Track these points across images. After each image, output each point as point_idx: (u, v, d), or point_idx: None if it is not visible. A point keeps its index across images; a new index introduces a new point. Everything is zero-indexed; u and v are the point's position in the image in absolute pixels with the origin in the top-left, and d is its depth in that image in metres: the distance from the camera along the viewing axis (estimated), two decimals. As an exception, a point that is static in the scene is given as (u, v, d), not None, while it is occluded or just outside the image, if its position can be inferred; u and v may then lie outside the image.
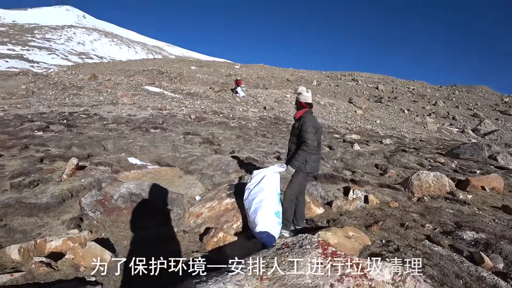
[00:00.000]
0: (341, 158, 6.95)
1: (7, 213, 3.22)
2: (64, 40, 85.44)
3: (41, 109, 12.10)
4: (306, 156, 2.96)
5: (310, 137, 2.92)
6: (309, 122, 3.01)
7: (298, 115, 3.14)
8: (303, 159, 2.98)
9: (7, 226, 3.01)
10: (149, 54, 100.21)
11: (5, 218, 3.16)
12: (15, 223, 3.08)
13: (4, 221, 3.10)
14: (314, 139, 2.95)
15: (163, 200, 3.41)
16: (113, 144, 6.68)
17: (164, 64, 39.17)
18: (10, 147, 6.09)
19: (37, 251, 2.52)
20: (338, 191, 4.21)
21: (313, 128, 2.98)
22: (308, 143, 2.91)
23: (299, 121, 3.08)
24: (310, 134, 2.93)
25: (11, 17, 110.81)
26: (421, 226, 3.31)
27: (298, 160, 2.98)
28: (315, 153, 3.04)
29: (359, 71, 40.49)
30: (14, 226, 3.03)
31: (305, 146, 2.93)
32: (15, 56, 55.82)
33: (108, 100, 14.74)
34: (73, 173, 4.34)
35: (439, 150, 9.92)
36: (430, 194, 4.53)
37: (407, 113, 21.47)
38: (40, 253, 2.51)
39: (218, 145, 7.24)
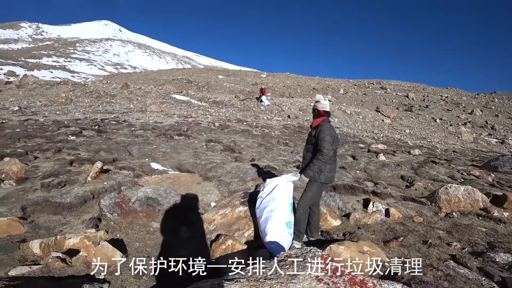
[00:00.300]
0: (365, 168, 6.70)
1: (35, 210, 3.47)
2: (101, 52, 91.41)
3: (76, 115, 12.93)
4: (320, 165, 2.89)
5: (327, 146, 2.85)
6: (327, 130, 2.94)
7: (316, 123, 3.08)
8: (317, 169, 2.90)
9: (33, 222, 3.24)
10: (179, 64, 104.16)
11: (33, 215, 3.40)
12: (41, 220, 3.31)
13: (32, 218, 3.34)
14: (330, 148, 2.88)
15: (178, 205, 3.46)
16: (137, 150, 6.94)
17: (193, 73, 40.50)
18: (45, 150, 6.55)
19: (57, 246, 2.68)
20: (357, 203, 4.03)
21: (330, 137, 2.91)
22: (324, 152, 2.84)
23: (316, 129, 3.02)
24: (327, 143, 2.86)
25: (56, 32, 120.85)
26: (446, 244, 3.06)
27: (312, 169, 2.91)
28: (330, 162, 2.95)
29: (388, 79, 39.22)
30: (40, 223, 3.25)
31: (320, 155, 2.86)
32: (59, 67, 60.51)
33: (138, 108, 15.44)
34: (97, 176, 4.55)
35: (475, 162, 9.24)
36: (460, 210, 4.20)
37: (439, 122, 20.32)
38: (59, 249, 2.66)
39: (239, 153, 7.28)
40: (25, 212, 3.43)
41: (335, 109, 19.37)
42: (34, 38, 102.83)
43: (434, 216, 3.96)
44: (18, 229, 2.98)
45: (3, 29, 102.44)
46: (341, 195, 4.17)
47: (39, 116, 12.35)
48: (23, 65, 55.39)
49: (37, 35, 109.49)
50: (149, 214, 3.36)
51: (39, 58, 66.78)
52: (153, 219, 3.34)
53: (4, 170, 4.67)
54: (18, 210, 3.42)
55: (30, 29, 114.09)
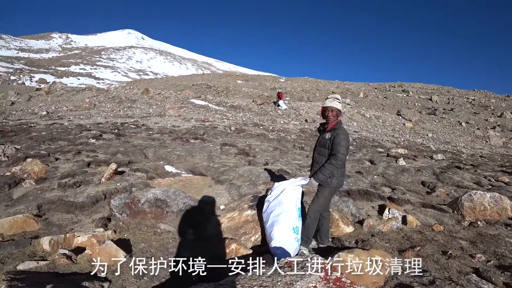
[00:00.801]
0: (383, 173, 6.44)
1: (50, 208, 3.60)
2: (125, 59, 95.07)
3: (98, 119, 13.42)
4: (333, 170, 2.75)
5: (342, 151, 2.71)
6: (343, 134, 2.78)
7: (331, 125, 2.88)
8: (329, 173, 2.76)
9: (47, 220, 3.35)
10: (199, 70, 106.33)
11: (48, 213, 3.52)
12: (55, 218, 3.42)
13: (46, 215, 3.46)
14: (346, 154, 2.74)
15: (186, 207, 3.45)
16: (153, 153, 7.06)
17: (212, 78, 41.10)
18: (66, 152, 6.81)
19: (65, 244, 2.76)
20: (372, 209, 3.84)
21: (347, 142, 2.76)
22: (339, 157, 2.70)
23: (332, 132, 2.82)
24: (343, 148, 2.71)
25: (83, 41, 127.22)
26: (469, 256, 2.83)
27: (324, 173, 2.77)
28: (342, 166, 2.83)
29: (410, 82, 37.95)
30: (53, 221, 3.36)
31: (334, 160, 2.72)
32: (86, 74, 63.53)
33: (157, 112, 15.81)
34: (111, 177, 4.65)
35: (504, 167, 8.66)
36: (485, 219, 3.91)
37: (466, 126, 19.35)
38: (68, 247, 2.73)
39: (253, 157, 7.23)
40: (41, 210, 3.55)
41: (354, 112, 18.94)
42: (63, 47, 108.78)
43: (456, 225, 3.70)
44: (32, 226, 3.09)
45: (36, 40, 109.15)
46: (355, 200, 4.00)
47: (64, 120, 12.93)
48: (53, 72, 58.66)
49: (67, 44, 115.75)
50: (157, 215, 3.36)
51: (68, 66, 70.44)
52: (161, 220, 3.34)
53: (26, 170, 4.90)
54: (34, 208, 3.55)
55: (60, 39, 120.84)
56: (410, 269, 2.28)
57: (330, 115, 2.88)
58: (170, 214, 3.39)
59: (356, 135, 13.05)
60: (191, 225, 3.26)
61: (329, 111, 2.88)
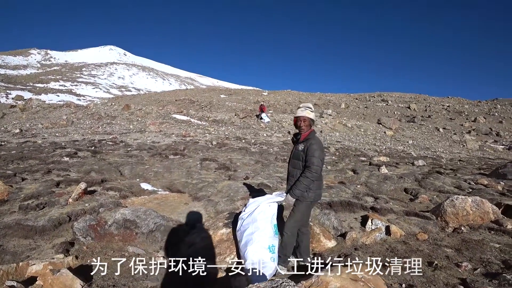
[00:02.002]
0: (366, 182, 6.38)
1: (6, 234, 3.24)
2: (106, 75, 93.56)
3: (75, 137, 12.90)
4: (309, 183, 2.58)
5: (317, 163, 2.55)
6: (317, 144, 2.62)
7: (304, 136, 2.74)
8: (305, 187, 2.59)
9: (1, 247, 3.00)
10: (182, 85, 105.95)
11: (3, 239, 3.17)
12: (10, 244, 3.07)
13: (1, 242, 3.10)
14: (321, 165, 2.59)
15: (157, 228, 3.19)
16: (129, 170, 6.73)
17: (196, 93, 40.87)
18: (35, 171, 6.37)
19: (17, 274, 2.44)
20: (355, 220, 3.70)
21: (321, 152, 2.61)
22: (314, 168, 2.54)
23: (305, 143, 2.68)
24: (317, 159, 2.56)
25: (64, 57, 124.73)
26: (455, 265, 2.72)
27: (299, 188, 2.60)
28: (318, 178, 2.67)
29: (389, 91, 39.17)
30: (8, 248, 3.01)
31: (309, 173, 2.56)
32: (66, 91, 61.82)
33: (137, 128, 15.40)
34: (80, 197, 4.32)
35: (482, 170, 8.85)
36: (469, 224, 3.85)
37: (443, 132, 19.95)
38: (20, 277, 2.43)
39: (234, 171, 7.02)
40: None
41: (336, 123, 19.17)
42: (42, 64, 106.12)
43: (441, 232, 3.61)
44: (-19, 255, 2.74)
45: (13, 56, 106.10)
46: (337, 212, 3.85)
47: (38, 138, 12.33)
48: (31, 89, 56.73)
49: (46, 61, 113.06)
50: (126, 237, 3.09)
51: (47, 82, 68.46)
52: (130, 242, 3.07)
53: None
54: None
55: (39, 55, 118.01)
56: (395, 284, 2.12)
57: (302, 125, 2.75)
58: (140, 235, 3.12)
59: (338, 145, 13.11)
60: (162, 246, 3.01)
61: (301, 121, 2.75)
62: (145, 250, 2.99)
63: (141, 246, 3.06)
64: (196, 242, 2.94)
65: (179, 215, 3.77)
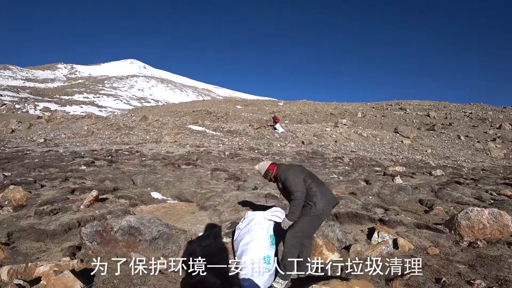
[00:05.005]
0: (378, 193, 6.19)
1: (21, 236, 3.43)
2: (127, 88, 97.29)
3: (94, 146, 13.38)
4: (298, 205, 2.69)
5: (296, 189, 2.70)
6: (284, 173, 2.83)
7: (273, 176, 2.96)
8: (297, 209, 2.70)
9: (14, 249, 3.19)
10: (199, 96, 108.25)
11: (17, 241, 3.36)
12: (23, 246, 3.26)
13: (15, 244, 3.30)
14: (300, 188, 2.70)
15: (160, 235, 3.25)
16: (142, 179, 6.89)
17: (212, 104, 41.53)
18: (53, 179, 6.65)
19: (26, 274, 2.59)
20: (361, 232, 3.58)
21: (294, 178, 2.75)
22: (296, 195, 2.69)
23: (278, 180, 2.91)
24: (294, 186, 2.71)
25: (88, 71, 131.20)
26: (467, 283, 2.56)
27: (293, 212, 2.71)
28: (316, 190, 2.74)
29: (407, 99, 38.22)
30: (21, 249, 3.19)
31: (294, 198, 2.70)
32: (88, 103, 64.74)
33: (153, 139, 15.78)
34: (91, 204, 4.47)
35: (507, 180, 8.36)
36: (486, 238, 3.63)
37: (465, 140, 19.11)
38: (28, 276, 2.57)
39: (244, 181, 7.03)
40: (10, 238, 3.39)
41: (351, 132, 18.85)
42: (68, 77, 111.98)
43: (454, 247, 3.43)
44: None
45: (42, 70, 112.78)
46: (343, 224, 3.74)
47: (60, 148, 12.89)
48: (57, 101, 59.83)
49: (71, 74, 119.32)
50: (130, 243, 3.17)
51: (72, 95, 72.06)
52: (133, 249, 3.15)
53: (8, 197, 4.77)
54: (4, 235, 3.39)
55: (65, 69, 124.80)
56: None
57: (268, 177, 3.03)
58: (143, 242, 3.19)
59: (353, 155, 12.85)
60: (164, 254, 3.04)
61: (265, 177, 3.06)
62: (147, 256, 3.04)
63: (144, 252, 3.13)
64: (196, 251, 2.95)
65: (184, 223, 3.81)
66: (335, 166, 9.82)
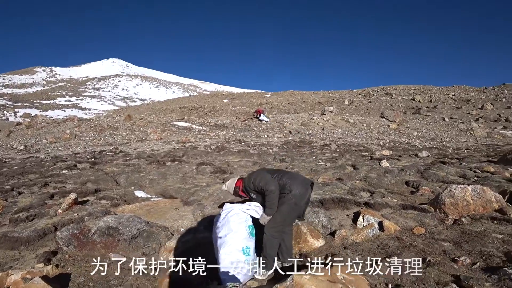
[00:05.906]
0: (365, 177, 6.19)
1: None
2: (110, 88, 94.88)
3: (77, 150, 12.98)
4: (273, 199, 2.61)
5: (268, 185, 2.63)
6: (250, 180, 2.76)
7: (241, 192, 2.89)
8: (273, 204, 2.62)
9: None
10: (185, 93, 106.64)
11: None
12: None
13: None
14: (272, 183, 2.64)
15: (140, 234, 3.12)
16: (125, 179, 6.70)
17: (199, 100, 40.94)
18: (32, 185, 6.38)
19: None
20: (346, 217, 3.53)
21: (262, 178, 2.69)
22: (270, 190, 2.62)
23: (249, 189, 2.82)
24: (265, 184, 2.64)
25: (68, 73, 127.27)
26: (452, 260, 2.53)
27: (270, 207, 2.63)
28: (286, 178, 2.70)
29: (393, 85, 38.61)
30: None
31: (269, 194, 2.63)
32: (71, 106, 62.95)
33: (138, 138, 15.43)
34: (70, 208, 4.29)
35: (490, 157, 8.53)
36: (470, 214, 3.64)
37: (449, 121, 19.48)
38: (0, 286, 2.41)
39: (230, 174, 6.92)
40: None
41: (338, 119, 18.91)
42: (48, 81, 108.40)
43: (439, 225, 3.42)
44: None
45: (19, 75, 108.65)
46: (328, 210, 3.68)
47: (41, 153, 12.44)
48: (38, 106, 57.93)
49: (51, 77, 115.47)
50: (108, 244, 3.03)
51: (53, 98, 69.81)
52: (112, 249, 3.02)
53: (-18, 207, 4.50)
54: None
55: (44, 73, 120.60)
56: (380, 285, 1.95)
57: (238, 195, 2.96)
58: (122, 242, 3.06)
59: (340, 142, 12.88)
60: (144, 252, 2.92)
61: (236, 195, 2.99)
62: (126, 256, 2.92)
63: (123, 252, 3.00)
64: (178, 247, 2.84)
65: (166, 220, 3.69)
66: (323, 153, 9.81)
